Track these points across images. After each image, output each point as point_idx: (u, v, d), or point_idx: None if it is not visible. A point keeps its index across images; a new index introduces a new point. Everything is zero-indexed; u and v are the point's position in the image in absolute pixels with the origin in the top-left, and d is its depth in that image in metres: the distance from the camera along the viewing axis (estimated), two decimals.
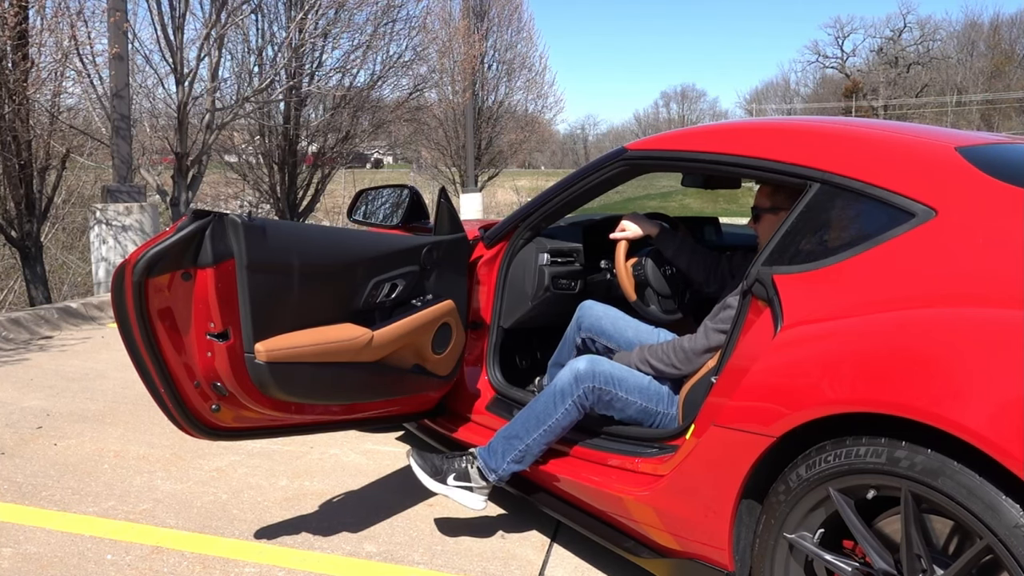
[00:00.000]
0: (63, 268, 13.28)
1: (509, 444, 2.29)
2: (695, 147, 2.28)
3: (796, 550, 1.69)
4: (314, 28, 10.64)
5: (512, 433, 2.29)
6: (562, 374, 2.25)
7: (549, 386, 2.27)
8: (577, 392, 2.21)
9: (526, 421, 2.27)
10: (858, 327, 1.64)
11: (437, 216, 2.74)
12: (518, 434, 2.28)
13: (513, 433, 2.29)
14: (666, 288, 2.68)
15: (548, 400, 2.25)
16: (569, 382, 2.22)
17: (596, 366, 2.25)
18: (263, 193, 12.82)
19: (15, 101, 7.28)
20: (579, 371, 2.22)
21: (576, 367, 2.24)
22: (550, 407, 2.24)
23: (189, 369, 2.13)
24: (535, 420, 2.26)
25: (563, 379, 2.24)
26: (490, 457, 2.31)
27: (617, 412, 2.29)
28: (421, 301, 2.56)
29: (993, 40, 47.53)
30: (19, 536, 2.44)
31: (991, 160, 1.81)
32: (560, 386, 2.24)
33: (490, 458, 2.31)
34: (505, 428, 2.33)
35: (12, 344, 5.19)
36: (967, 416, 1.36)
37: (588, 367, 2.24)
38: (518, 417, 2.31)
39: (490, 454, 2.32)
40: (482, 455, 2.34)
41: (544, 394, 2.27)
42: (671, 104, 66.20)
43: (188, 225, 2.01)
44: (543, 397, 2.27)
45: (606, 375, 2.24)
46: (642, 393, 2.28)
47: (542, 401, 2.26)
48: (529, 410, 2.29)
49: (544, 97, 20.92)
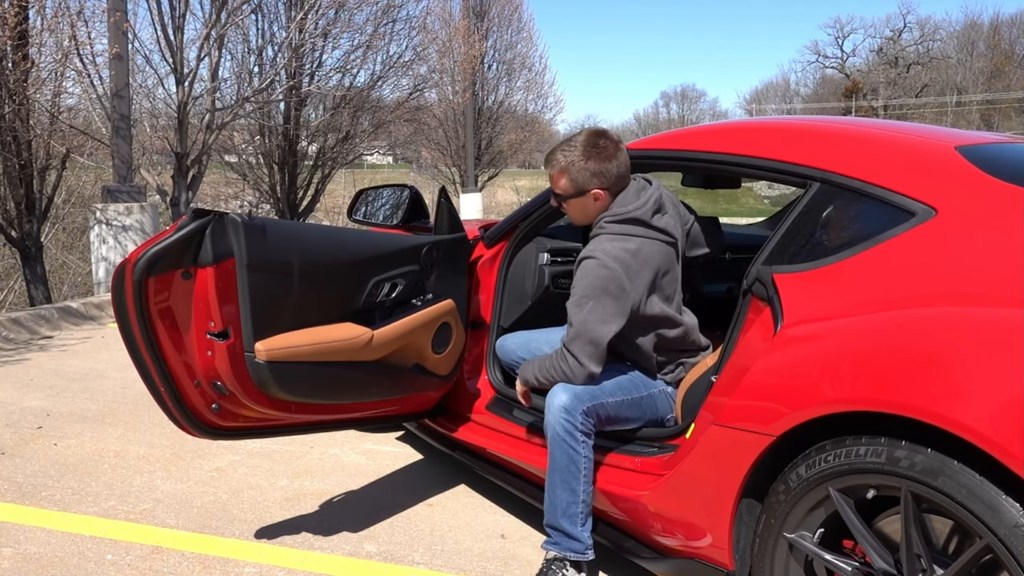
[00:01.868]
0: (63, 268, 13.29)
1: (569, 516, 2.10)
2: (695, 147, 2.28)
3: (796, 550, 1.69)
4: (314, 28, 10.65)
5: (563, 505, 2.10)
6: (550, 419, 2.11)
7: (552, 437, 2.11)
8: (578, 422, 2.09)
9: (564, 482, 2.09)
10: (858, 326, 1.64)
11: (437, 216, 2.74)
12: (569, 500, 2.10)
13: (563, 504, 2.10)
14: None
15: (563, 450, 2.09)
16: (565, 421, 2.08)
17: (571, 390, 2.12)
18: (263, 193, 12.83)
19: (15, 101, 7.28)
20: (564, 405, 2.09)
21: (557, 403, 2.10)
22: (571, 453, 2.08)
23: (189, 368, 2.13)
24: (570, 474, 2.09)
25: (556, 423, 2.09)
26: (569, 542, 2.11)
27: (620, 423, 2.20)
28: (421, 301, 2.56)
29: (993, 40, 47.53)
30: (19, 536, 2.44)
31: (991, 159, 1.81)
32: (560, 431, 2.09)
33: (570, 542, 2.11)
34: (552, 508, 2.12)
35: (12, 344, 5.19)
36: (967, 415, 1.36)
37: (568, 395, 2.10)
38: (554, 488, 2.11)
39: (566, 540, 2.12)
40: (563, 548, 2.12)
41: (554, 448, 2.11)
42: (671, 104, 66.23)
43: (188, 224, 2.01)
44: (556, 453, 2.10)
45: (586, 392, 2.12)
46: (620, 388, 2.20)
47: (559, 456, 2.10)
48: (556, 473, 2.11)
49: (544, 97, 20.96)
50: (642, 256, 2.16)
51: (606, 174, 2.20)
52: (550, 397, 2.14)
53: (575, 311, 2.12)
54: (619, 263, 2.10)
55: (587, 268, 2.13)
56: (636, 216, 2.19)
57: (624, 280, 2.10)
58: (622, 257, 2.12)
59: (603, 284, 2.09)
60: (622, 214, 2.19)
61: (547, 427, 2.12)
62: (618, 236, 2.16)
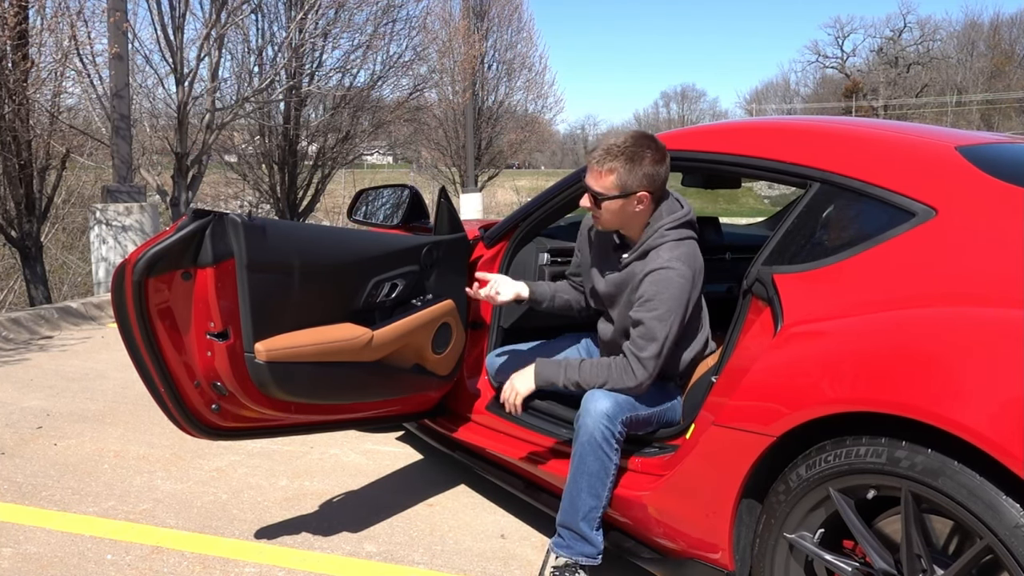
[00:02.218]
0: (63, 268, 13.30)
1: (590, 520, 2.07)
2: (695, 147, 2.28)
3: (796, 550, 1.69)
4: (314, 28, 10.66)
5: (585, 509, 2.07)
6: (589, 423, 2.05)
7: (584, 440, 2.06)
8: (617, 431, 2.06)
9: (591, 487, 2.06)
10: (858, 326, 1.64)
11: (437, 216, 2.74)
12: (592, 505, 2.07)
13: (586, 508, 2.07)
14: None
15: (596, 456, 2.05)
16: (605, 428, 2.04)
17: (614, 397, 2.08)
18: (263, 193, 12.83)
19: (15, 101, 7.28)
20: (607, 412, 2.05)
21: (600, 409, 2.05)
22: (604, 460, 2.05)
23: (189, 369, 2.13)
24: (598, 480, 2.06)
25: (596, 428, 2.04)
26: (583, 545, 2.08)
27: (640, 429, 2.18)
28: (421, 301, 2.56)
29: (993, 40, 47.54)
30: (19, 536, 2.44)
31: (991, 159, 1.81)
32: (599, 437, 2.04)
33: (583, 546, 2.08)
34: (572, 510, 2.08)
35: (12, 344, 5.19)
36: (967, 415, 1.36)
37: (611, 403, 2.06)
38: (579, 491, 2.07)
39: (580, 543, 2.08)
40: (575, 553, 2.09)
41: (586, 452, 2.06)
42: (671, 104, 66.28)
43: (188, 225, 2.01)
44: (589, 457, 2.06)
45: (627, 401, 2.09)
46: (653, 398, 2.18)
47: (592, 461, 2.06)
48: (583, 477, 2.07)
49: (544, 97, 20.98)
50: (700, 260, 2.17)
51: (656, 178, 2.14)
52: (590, 402, 2.07)
53: (659, 326, 2.05)
54: (692, 270, 2.11)
55: (669, 280, 2.07)
56: (691, 220, 2.19)
57: (692, 287, 2.11)
58: (693, 264, 2.13)
59: (684, 295, 2.08)
60: (680, 218, 2.16)
61: (581, 430, 2.07)
62: (682, 242, 2.15)
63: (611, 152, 2.12)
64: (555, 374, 2.20)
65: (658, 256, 2.11)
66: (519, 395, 2.24)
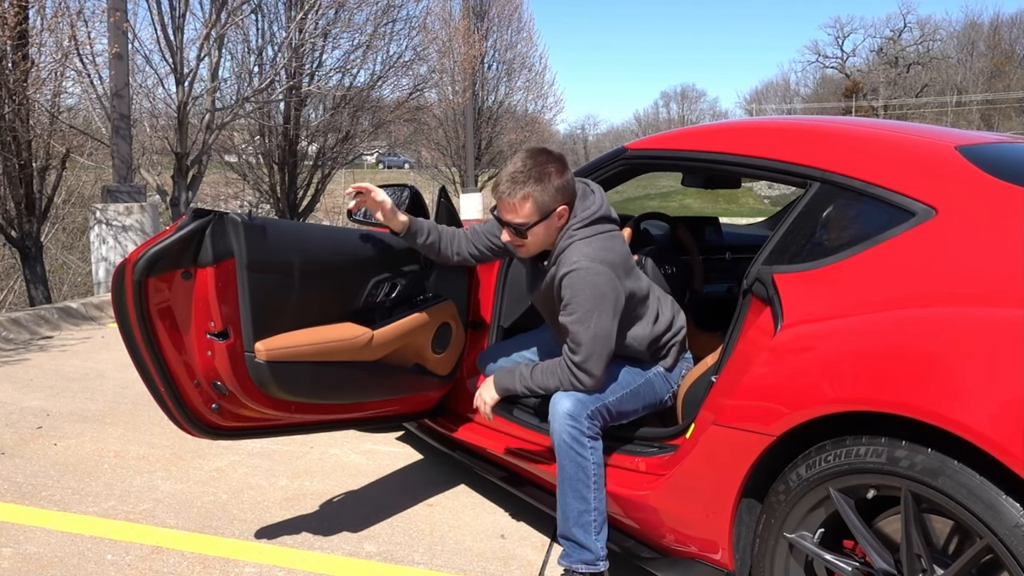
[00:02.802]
0: (63, 268, 13.29)
1: (582, 524, 2.04)
2: (695, 146, 2.28)
3: (796, 550, 1.69)
4: (314, 28, 10.65)
5: (574, 514, 2.05)
6: (556, 427, 2.05)
7: (558, 445, 2.05)
8: (584, 427, 2.04)
9: (574, 490, 2.04)
10: (858, 326, 1.63)
11: (437, 215, 2.74)
12: (581, 508, 2.04)
13: (575, 513, 2.05)
14: (666, 287, 2.68)
15: (570, 457, 2.04)
16: (571, 428, 2.03)
17: (573, 395, 2.06)
18: (263, 193, 12.83)
19: (15, 101, 7.28)
20: (569, 411, 2.04)
21: (562, 411, 2.04)
22: (579, 460, 2.03)
23: (189, 368, 2.13)
24: (579, 482, 2.04)
25: (563, 431, 2.04)
26: (581, 552, 2.06)
27: (625, 416, 2.18)
28: (421, 300, 2.56)
29: (993, 40, 47.52)
30: (19, 536, 2.44)
31: (992, 159, 1.81)
32: (567, 438, 2.03)
33: (581, 553, 2.06)
34: (564, 518, 2.07)
35: (12, 344, 5.19)
36: (967, 415, 1.36)
37: (571, 401, 2.05)
38: (564, 497, 2.06)
39: (578, 550, 2.06)
40: (573, 561, 2.07)
41: (561, 456, 2.05)
42: (671, 104, 66.21)
43: (188, 224, 2.01)
44: (564, 461, 2.04)
45: (587, 395, 2.08)
46: (618, 384, 2.15)
47: (568, 464, 2.04)
48: (565, 482, 2.05)
49: (544, 97, 20.98)
50: (617, 250, 2.11)
51: (567, 187, 2.10)
52: (553, 405, 2.08)
53: (581, 329, 2.02)
54: (605, 264, 2.05)
55: (581, 280, 2.03)
56: (603, 214, 2.14)
57: (614, 278, 2.06)
58: (606, 257, 2.06)
59: (600, 291, 2.02)
60: (589, 216, 2.12)
61: (553, 435, 2.07)
62: (592, 238, 2.10)
63: (518, 180, 2.06)
64: (511, 382, 2.19)
65: (567, 259, 2.07)
66: (487, 405, 2.23)
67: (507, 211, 2.10)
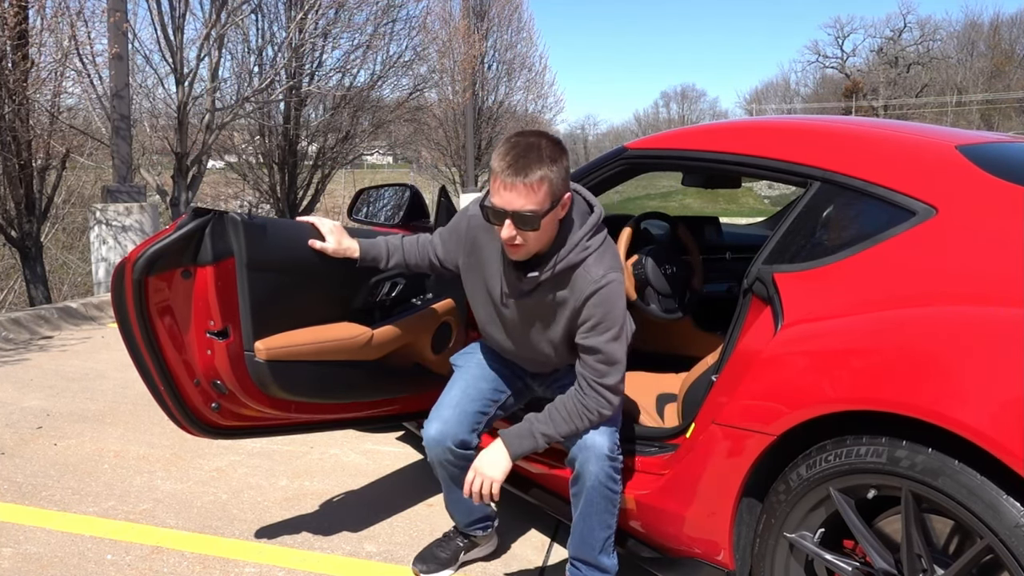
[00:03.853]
0: (63, 268, 13.30)
1: (607, 549, 2.00)
2: (695, 146, 2.27)
3: (796, 550, 1.69)
4: (314, 28, 10.66)
5: (600, 542, 1.99)
6: (593, 469, 1.91)
7: (591, 486, 1.93)
8: (619, 463, 1.97)
9: (602, 522, 1.97)
10: (859, 325, 1.63)
11: (437, 215, 2.74)
12: (607, 536, 1.99)
13: (601, 541, 1.99)
14: (667, 287, 2.68)
15: (604, 495, 1.94)
16: (610, 467, 1.93)
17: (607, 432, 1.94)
18: (263, 193, 12.83)
19: (15, 101, 7.28)
20: (609, 452, 1.92)
21: (601, 452, 1.91)
22: (611, 496, 1.95)
23: (189, 367, 2.13)
24: (608, 514, 1.97)
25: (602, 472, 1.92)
26: (600, 572, 2.03)
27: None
28: (421, 300, 2.56)
29: (993, 40, 47.52)
30: (19, 536, 2.43)
31: (992, 158, 1.81)
32: (604, 479, 1.92)
33: (601, 573, 2.03)
34: (587, 545, 2.00)
35: (12, 344, 5.19)
36: (968, 414, 1.36)
37: (608, 440, 1.93)
38: (591, 529, 1.98)
39: (595, 572, 2.03)
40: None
41: (593, 495, 1.93)
42: (671, 104, 66.20)
43: (188, 223, 2.01)
44: (596, 498, 1.93)
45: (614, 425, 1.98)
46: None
47: (599, 500, 1.94)
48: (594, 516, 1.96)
49: (544, 97, 20.96)
50: (618, 255, 1.99)
51: (568, 172, 1.85)
52: (587, 448, 1.92)
53: (617, 347, 1.89)
54: (622, 271, 1.93)
55: (613, 294, 1.86)
56: (602, 216, 1.96)
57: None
58: (620, 264, 1.94)
59: (624, 304, 1.91)
60: (595, 223, 1.93)
61: (586, 476, 1.92)
62: (604, 246, 1.93)
63: (533, 159, 1.77)
64: (530, 443, 1.95)
65: (590, 275, 1.87)
66: (495, 483, 1.94)
67: (519, 197, 1.77)
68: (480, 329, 2.19)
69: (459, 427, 2.07)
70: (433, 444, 2.07)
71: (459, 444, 2.06)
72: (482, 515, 2.29)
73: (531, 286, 1.93)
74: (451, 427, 2.07)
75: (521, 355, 2.14)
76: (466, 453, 2.07)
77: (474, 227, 2.06)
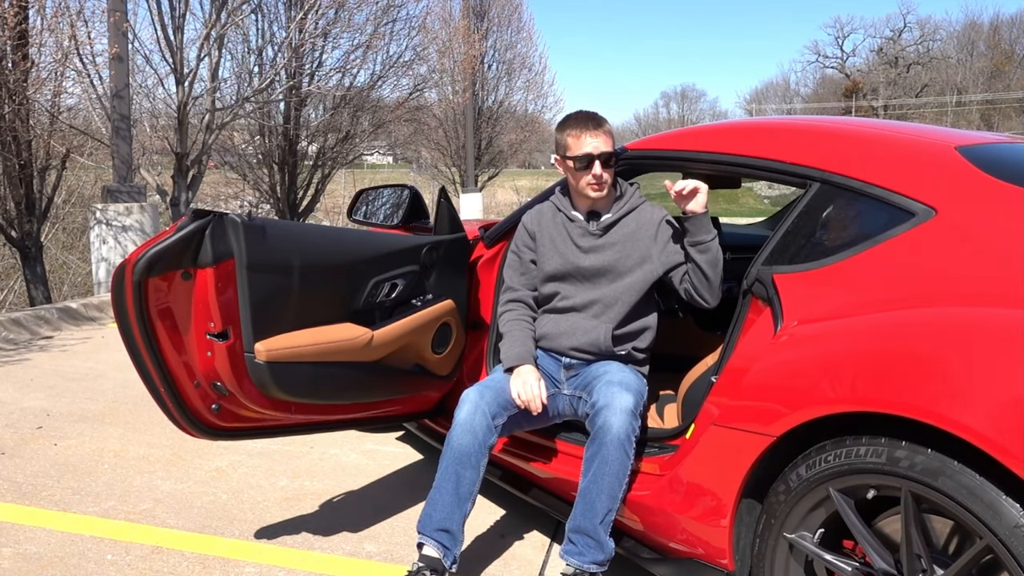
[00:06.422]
0: (63, 268, 13.28)
1: (606, 524, 2.02)
2: (695, 147, 2.28)
3: (796, 550, 1.69)
4: (314, 28, 10.65)
5: (603, 511, 2.01)
6: (615, 422, 1.99)
7: (610, 439, 1.99)
8: (636, 425, 2.04)
9: (610, 490, 2.00)
10: (858, 326, 1.64)
11: (437, 216, 2.74)
12: (610, 507, 2.01)
13: (604, 511, 2.01)
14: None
15: (620, 455, 1.99)
16: (629, 424, 2.00)
17: (635, 389, 2.08)
18: (263, 193, 12.82)
19: (15, 101, 7.28)
20: (632, 408, 2.02)
21: (625, 406, 2.01)
22: (625, 458, 2.00)
23: (189, 369, 2.13)
24: (618, 481, 2.01)
25: (622, 425, 1.99)
26: (595, 552, 2.03)
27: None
28: (421, 301, 2.56)
29: (993, 40, 47.51)
30: (19, 536, 2.44)
31: (991, 159, 1.81)
32: (623, 434, 1.99)
33: (595, 553, 2.03)
34: (590, 513, 2.01)
35: (12, 344, 5.19)
36: (967, 415, 1.36)
37: (634, 397, 2.04)
38: (599, 492, 2.00)
39: (592, 549, 2.03)
40: (586, 560, 2.03)
41: (611, 450, 1.99)
42: (671, 104, 66.21)
43: (188, 225, 2.01)
44: (613, 454, 1.99)
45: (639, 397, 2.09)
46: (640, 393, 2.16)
47: (615, 460, 1.99)
48: (605, 479, 2.00)
49: (544, 97, 20.94)
50: None
51: None
52: (615, 399, 2.03)
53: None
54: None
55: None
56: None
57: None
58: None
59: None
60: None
61: (607, 429, 2.00)
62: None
63: (600, 117, 2.28)
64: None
65: (652, 209, 2.30)
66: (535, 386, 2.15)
67: (603, 142, 2.22)
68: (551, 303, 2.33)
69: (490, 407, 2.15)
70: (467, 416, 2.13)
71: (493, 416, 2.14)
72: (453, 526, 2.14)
73: (605, 227, 2.27)
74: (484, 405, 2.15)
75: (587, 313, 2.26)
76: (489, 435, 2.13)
77: (532, 220, 2.41)
